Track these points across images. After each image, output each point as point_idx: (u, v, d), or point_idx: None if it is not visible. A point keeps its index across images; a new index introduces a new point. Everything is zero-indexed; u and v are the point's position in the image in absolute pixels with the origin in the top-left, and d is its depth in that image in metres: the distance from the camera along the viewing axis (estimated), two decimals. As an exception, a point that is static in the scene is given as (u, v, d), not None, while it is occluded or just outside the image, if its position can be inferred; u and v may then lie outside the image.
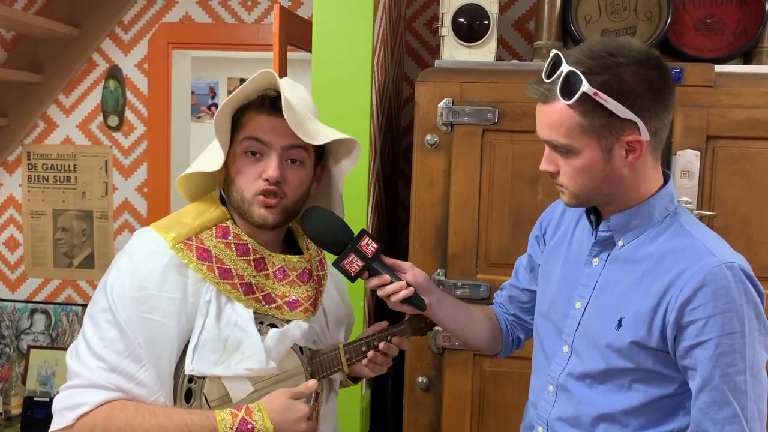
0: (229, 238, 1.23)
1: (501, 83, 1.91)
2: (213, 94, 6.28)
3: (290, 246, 1.36)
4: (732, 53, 1.92)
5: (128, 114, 2.88)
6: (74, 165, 2.93)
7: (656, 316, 1.13)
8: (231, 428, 1.13)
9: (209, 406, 1.18)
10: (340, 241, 1.23)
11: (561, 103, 1.11)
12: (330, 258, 1.29)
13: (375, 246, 1.23)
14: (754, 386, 1.10)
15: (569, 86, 1.10)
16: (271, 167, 1.19)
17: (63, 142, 2.93)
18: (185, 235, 1.20)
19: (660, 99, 1.12)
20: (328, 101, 1.89)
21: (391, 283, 1.24)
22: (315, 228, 1.24)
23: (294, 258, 1.29)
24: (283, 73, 1.97)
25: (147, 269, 1.17)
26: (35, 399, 2.84)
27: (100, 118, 2.89)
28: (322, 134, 1.21)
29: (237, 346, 1.19)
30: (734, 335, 1.08)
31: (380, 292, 1.25)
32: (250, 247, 1.24)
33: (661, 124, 1.14)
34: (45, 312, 2.99)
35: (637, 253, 1.18)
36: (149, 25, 2.83)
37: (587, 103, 1.09)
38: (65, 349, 2.97)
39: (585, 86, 1.07)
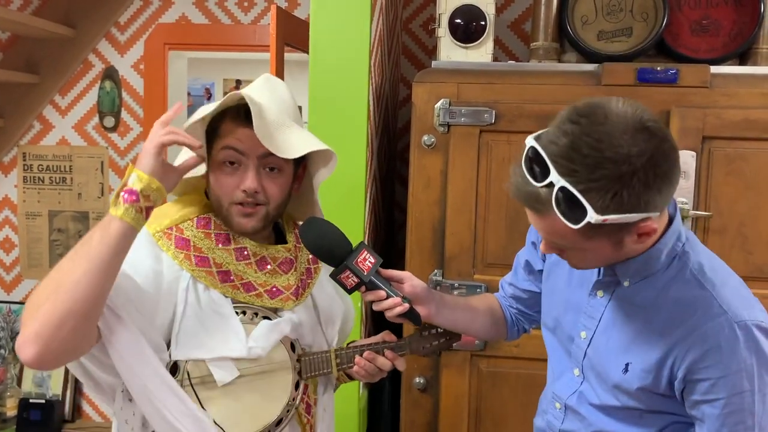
0: (210, 228, 1.26)
1: (498, 84, 1.91)
2: (209, 95, 6.27)
3: (278, 237, 1.37)
4: (727, 54, 1.93)
5: (124, 115, 2.88)
6: (70, 166, 2.92)
7: (664, 367, 1.09)
8: (117, 191, 1.08)
9: (191, 384, 1.19)
10: (338, 255, 1.23)
11: (559, 219, 0.98)
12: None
13: (372, 261, 1.23)
14: None
15: (569, 210, 0.97)
16: (248, 178, 1.21)
17: (59, 143, 2.92)
18: (166, 225, 1.24)
19: (671, 184, 1.01)
20: (325, 103, 1.89)
21: (387, 298, 1.23)
22: (313, 241, 1.24)
23: (276, 247, 1.30)
24: (280, 73, 1.97)
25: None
26: (30, 401, 2.84)
27: (96, 119, 2.89)
28: (294, 146, 1.20)
29: (216, 330, 1.21)
30: (744, 394, 1.05)
31: (375, 307, 1.25)
32: (231, 236, 1.26)
33: (671, 196, 1.05)
34: (41, 313, 2.97)
35: (644, 297, 1.13)
36: (145, 25, 2.82)
37: (593, 225, 0.97)
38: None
39: (591, 216, 0.95)
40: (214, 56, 3.95)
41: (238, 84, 6.34)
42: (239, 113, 1.21)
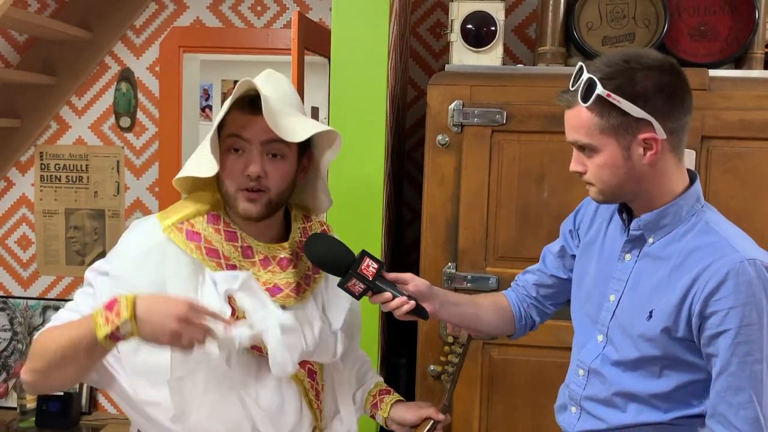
0: (220, 224, 1.32)
1: (508, 86, 2.01)
2: (207, 95, 6.34)
3: (288, 232, 1.42)
4: (724, 59, 2.04)
5: (140, 115, 2.96)
6: (86, 165, 3.00)
7: (683, 307, 1.22)
8: (101, 307, 1.15)
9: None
10: (342, 266, 1.30)
11: (581, 107, 1.23)
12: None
13: (375, 267, 1.30)
14: None
15: (586, 92, 1.22)
16: (252, 163, 1.27)
17: (75, 142, 3.00)
18: (178, 220, 1.31)
19: (673, 100, 1.21)
20: (346, 105, 1.99)
21: (393, 298, 1.31)
22: (317, 255, 1.32)
23: (274, 245, 1.36)
24: (300, 76, 2.06)
25: (130, 253, 1.29)
26: (49, 394, 2.92)
27: (112, 119, 2.97)
28: (297, 130, 1.27)
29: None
30: (753, 327, 1.17)
31: (383, 308, 1.34)
32: (238, 234, 1.33)
33: (678, 125, 1.23)
34: (57, 309, 3.04)
35: (666, 250, 1.27)
36: (161, 29, 2.91)
37: (603, 105, 1.20)
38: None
39: (599, 89, 1.19)
40: (221, 58, 4.03)
41: (236, 84, 6.43)
42: (243, 103, 1.29)
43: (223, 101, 6.33)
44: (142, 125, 2.97)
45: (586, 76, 1.22)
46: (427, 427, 1.45)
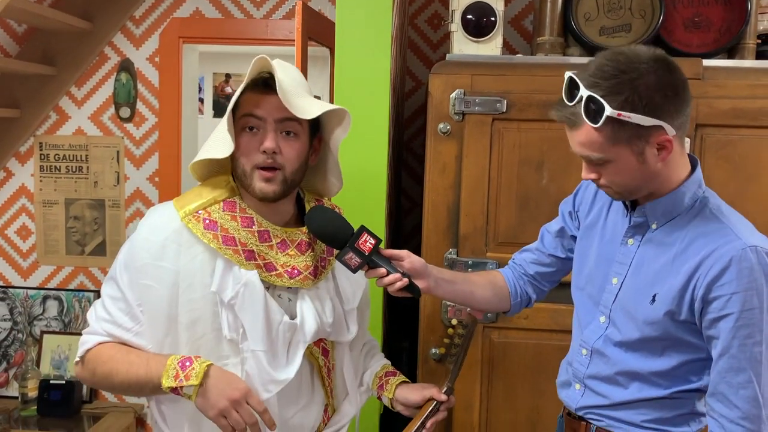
0: (236, 211, 1.36)
1: (509, 75, 2.06)
2: (198, 88, 6.33)
3: (302, 217, 1.46)
4: (718, 49, 2.09)
5: (140, 106, 2.98)
6: (86, 155, 3.02)
7: (686, 291, 1.26)
8: (176, 361, 1.29)
9: None
10: (341, 239, 1.35)
11: (588, 126, 1.22)
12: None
13: (372, 242, 1.35)
14: None
15: (592, 111, 1.20)
16: (267, 139, 1.32)
17: (75, 132, 3.02)
18: (195, 209, 1.34)
19: (678, 97, 1.23)
20: (349, 95, 2.02)
21: (388, 275, 1.36)
22: (317, 227, 1.36)
23: (293, 230, 1.40)
24: (304, 66, 2.10)
25: (148, 243, 1.34)
26: (51, 382, 2.94)
27: (112, 110, 2.99)
28: (310, 108, 1.32)
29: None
30: (753, 311, 1.22)
31: (378, 283, 1.38)
32: (254, 219, 1.36)
33: (684, 118, 1.25)
34: (57, 298, 3.07)
35: (670, 236, 1.31)
36: (160, 19, 2.92)
37: (613, 123, 1.20)
38: (78, 334, 3.06)
39: (608, 111, 1.18)
40: (217, 50, 4.04)
41: (228, 78, 6.43)
42: (256, 83, 1.34)
43: (214, 94, 6.35)
44: (142, 116, 2.99)
45: (585, 93, 1.20)
46: (431, 408, 1.49)
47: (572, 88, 1.24)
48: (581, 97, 1.21)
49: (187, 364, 1.27)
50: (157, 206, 1.42)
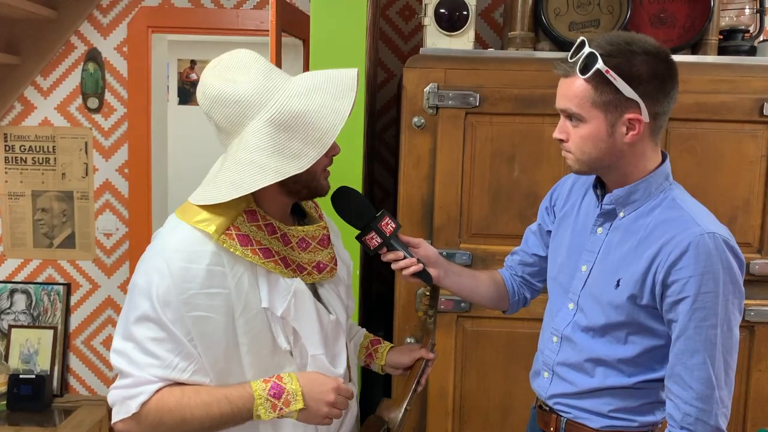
0: (258, 220, 1.32)
1: (481, 70, 2.09)
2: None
3: (296, 214, 1.47)
4: (682, 45, 2.16)
5: (108, 96, 2.94)
6: (53, 146, 2.97)
7: (648, 276, 1.33)
8: (264, 391, 1.26)
9: None
10: (364, 218, 1.40)
11: (578, 78, 1.31)
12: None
13: (393, 225, 1.41)
14: (723, 340, 1.28)
15: (585, 63, 1.29)
16: (334, 147, 1.33)
17: (41, 123, 2.96)
18: (224, 226, 1.26)
19: (663, 87, 1.30)
20: (325, 86, 2.03)
21: (404, 258, 1.42)
22: (344, 205, 1.40)
23: (312, 227, 1.40)
24: (278, 58, 2.10)
25: (191, 273, 1.23)
26: (21, 376, 2.91)
27: (80, 100, 2.94)
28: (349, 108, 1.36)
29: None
30: (709, 294, 1.27)
31: (394, 266, 1.43)
32: (275, 225, 1.34)
33: (662, 110, 1.32)
34: (25, 292, 3.03)
35: (635, 224, 1.38)
36: (128, 9, 2.88)
37: (599, 80, 1.28)
38: (48, 327, 3.02)
39: (600, 64, 1.27)
40: (187, 39, 3.99)
41: (193, 64, 6.35)
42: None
43: (179, 80, 6.25)
44: (111, 106, 2.95)
45: (587, 50, 1.30)
46: (422, 366, 1.57)
47: (580, 47, 1.33)
48: (583, 53, 1.30)
49: (278, 389, 1.27)
50: (168, 230, 1.30)
